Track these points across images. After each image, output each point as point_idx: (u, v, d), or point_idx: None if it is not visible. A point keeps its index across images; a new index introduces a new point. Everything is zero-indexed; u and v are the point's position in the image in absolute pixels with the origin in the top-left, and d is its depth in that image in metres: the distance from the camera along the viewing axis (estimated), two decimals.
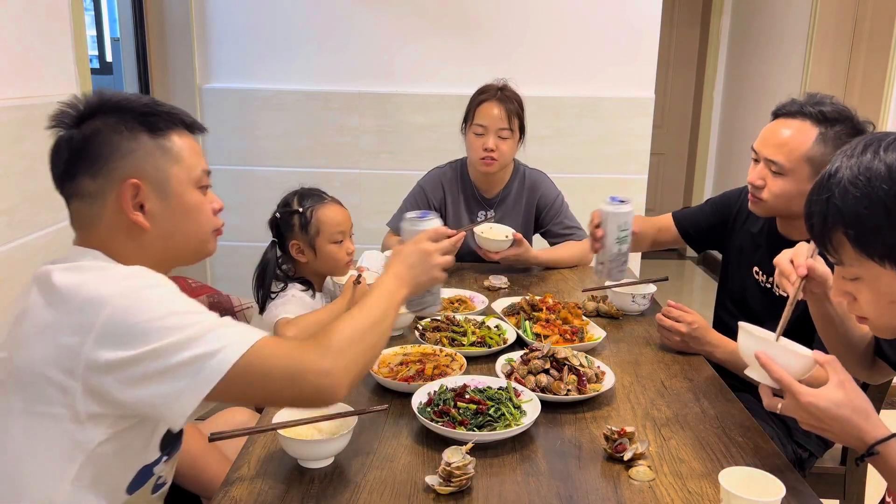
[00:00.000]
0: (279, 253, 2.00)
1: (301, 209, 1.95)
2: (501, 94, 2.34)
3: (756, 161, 1.71)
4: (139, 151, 1.08)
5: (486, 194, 2.47)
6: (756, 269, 1.86)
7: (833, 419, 1.07)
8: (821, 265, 1.30)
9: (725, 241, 1.99)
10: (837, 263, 1.09)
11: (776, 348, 1.17)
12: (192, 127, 1.18)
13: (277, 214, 1.97)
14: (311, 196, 1.99)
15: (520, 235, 2.28)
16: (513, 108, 2.34)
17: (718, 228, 2.01)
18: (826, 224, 1.05)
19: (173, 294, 1.02)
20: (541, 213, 2.48)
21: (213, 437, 1.20)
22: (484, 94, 2.36)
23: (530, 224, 2.49)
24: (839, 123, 1.61)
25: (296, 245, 1.96)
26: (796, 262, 1.30)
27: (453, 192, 2.46)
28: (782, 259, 1.33)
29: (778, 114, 1.70)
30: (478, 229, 2.28)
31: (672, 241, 2.18)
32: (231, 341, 0.98)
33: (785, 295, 1.34)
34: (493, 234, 2.29)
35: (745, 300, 1.88)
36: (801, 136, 1.62)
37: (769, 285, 1.81)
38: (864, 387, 1.80)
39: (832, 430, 1.09)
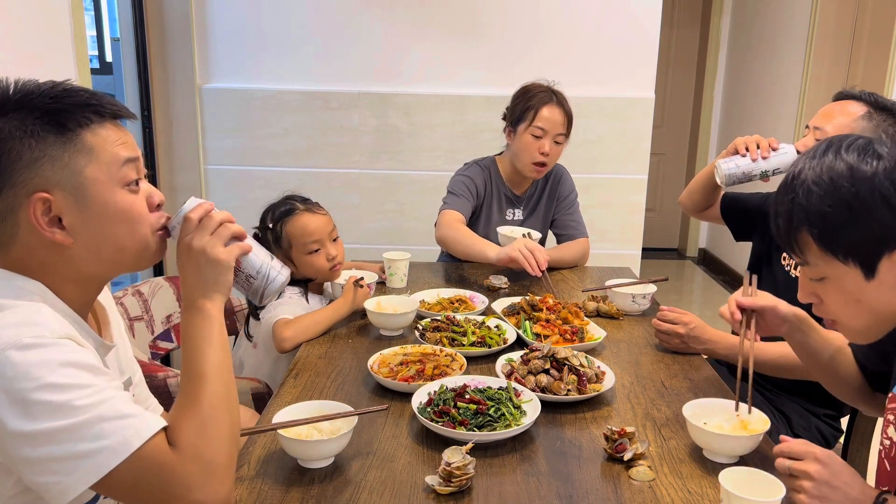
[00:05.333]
0: None
1: (270, 225, 1.94)
2: (558, 98, 2.35)
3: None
4: (44, 159, 0.94)
5: (517, 191, 2.49)
6: (784, 254, 1.90)
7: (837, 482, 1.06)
8: (750, 299, 1.35)
9: (764, 231, 2.00)
10: (803, 264, 1.10)
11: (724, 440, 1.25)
12: (115, 116, 1.01)
13: (256, 231, 1.96)
14: (281, 208, 1.96)
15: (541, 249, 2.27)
16: (569, 112, 2.36)
17: (763, 216, 2.02)
18: (791, 224, 1.07)
19: (64, 358, 0.88)
20: (556, 205, 2.52)
21: None
22: (539, 97, 2.33)
23: (549, 218, 2.54)
24: (888, 113, 1.72)
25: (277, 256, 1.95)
26: (730, 307, 1.36)
27: (489, 191, 2.46)
28: (723, 309, 1.39)
29: (838, 96, 1.81)
30: (501, 230, 2.26)
31: (714, 216, 2.17)
32: (112, 442, 0.87)
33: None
34: (517, 233, 2.26)
35: (775, 291, 1.90)
36: (850, 109, 1.73)
37: (788, 267, 1.86)
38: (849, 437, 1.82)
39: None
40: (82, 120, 0.97)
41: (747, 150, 1.84)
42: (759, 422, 1.28)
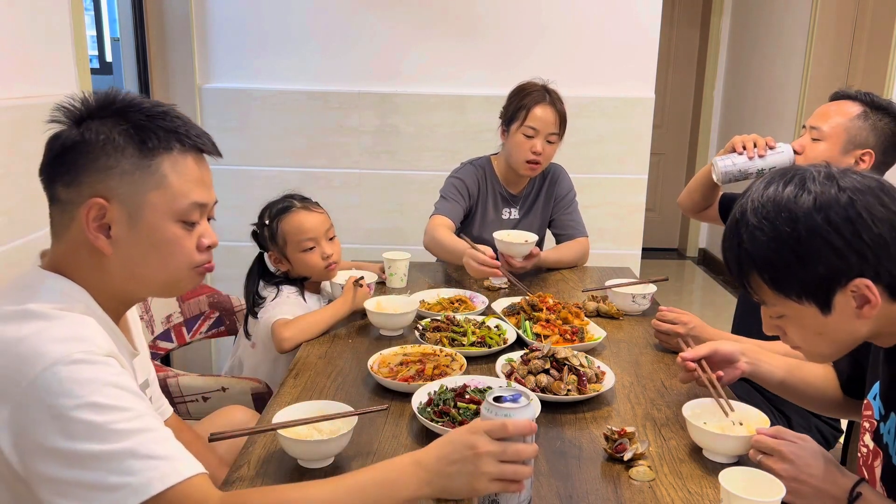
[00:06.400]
0: (256, 265, 2.00)
1: (267, 222, 1.94)
2: (551, 98, 2.33)
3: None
4: (116, 169, 0.98)
5: (513, 190, 2.49)
6: None
7: (812, 472, 1.10)
8: (692, 351, 1.42)
9: None
10: (761, 303, 1.12)
11: (718, 438, 1.26)
12: (197, 149, 1.05)
13: (253, 226, 1.98)
14: (278, 205, 1.97)
15: (536, 249, 2.27)
16: (562, 112, 2.34)
17: None
18: (742, 269, 1.09)
19: (107, 380, 0.89)
20: (554, 204, 2.52)
21: (213, 438, 1.20)
22: (532, 96, 2.32)
23: (547, 218, 2.54)
24: (883, 112, 1.74)
25: (272, 256, 1.97)
26: (684, 366, 1.42)
27: (483, 190, 2.46)
28: (682, 377, 1.45)
29: (834, 96, 1.83)
30: (497, 235, 2.25)
31: (712, 216, 2.19)
32: (136, 481, 0.86)
33: None
34: (513, 238, 2.26)
35: None
36: (846, 109, 1.76)
37: None
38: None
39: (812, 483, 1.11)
40: (164, 144, 1.00)
41: (744, 148, 1.85)
42: (759, 422, 1.28)
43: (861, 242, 1.00)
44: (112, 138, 0.98)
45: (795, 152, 1.82)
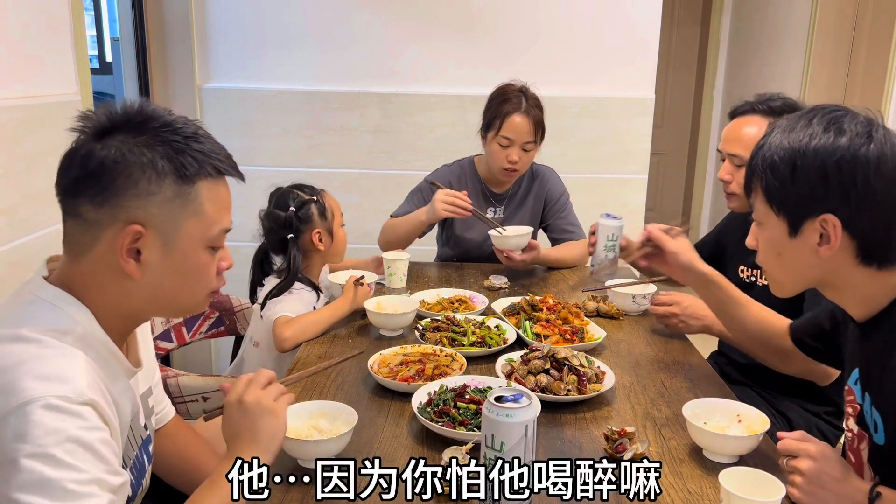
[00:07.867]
0: (294, 250, 1.97)
1: (315, 198, 1.99)
2: (527, 105, 2.30)
3: (723, 160, 1.88)
4: (157, 196, 0.95)
5: (497, 190, 2.48)
6: (741, 266, 1.93)
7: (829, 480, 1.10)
8: (661, 234, 1.56)
9: (725, 263, 2.04)
10: (752, 205, 1.18)
11: (723, 439, 1.26)
12: (225, 174, 1.02)
13: (293, 209, 1.95)
14: (306, 187, 2.04)
15: (535, 242, 2.28)
16: (539, 118, 2.33)
17: (718, 256, 2.08)
18: (752, 165, 1.15)
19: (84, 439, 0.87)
20: (546, 207, 2.51)
21: (208, 417, 1.19)
22: (510, 104, 2.30)
23: (537, 219, 2.52)
24: (786, 114, 1.73)
25: (318, 234, 1.97)
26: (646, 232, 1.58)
27: (462, 189, 2.45)
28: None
29: (733, 114, 1.88)
30: (493, 233, 2.24)
31: None
32: None
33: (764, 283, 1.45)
34: (508, 231, 2.25)
35: None
36: (751, 127, 1.80)
37: (753, 278, 1.89)
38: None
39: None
40: (203, 171, 0.98)
41: (591, 245, 1.95)
42: (759, 422, 1.28)
43: (851, 183, 1.04)
44: (154, 162, 0.94)
45: (725, 181, 1.84)
